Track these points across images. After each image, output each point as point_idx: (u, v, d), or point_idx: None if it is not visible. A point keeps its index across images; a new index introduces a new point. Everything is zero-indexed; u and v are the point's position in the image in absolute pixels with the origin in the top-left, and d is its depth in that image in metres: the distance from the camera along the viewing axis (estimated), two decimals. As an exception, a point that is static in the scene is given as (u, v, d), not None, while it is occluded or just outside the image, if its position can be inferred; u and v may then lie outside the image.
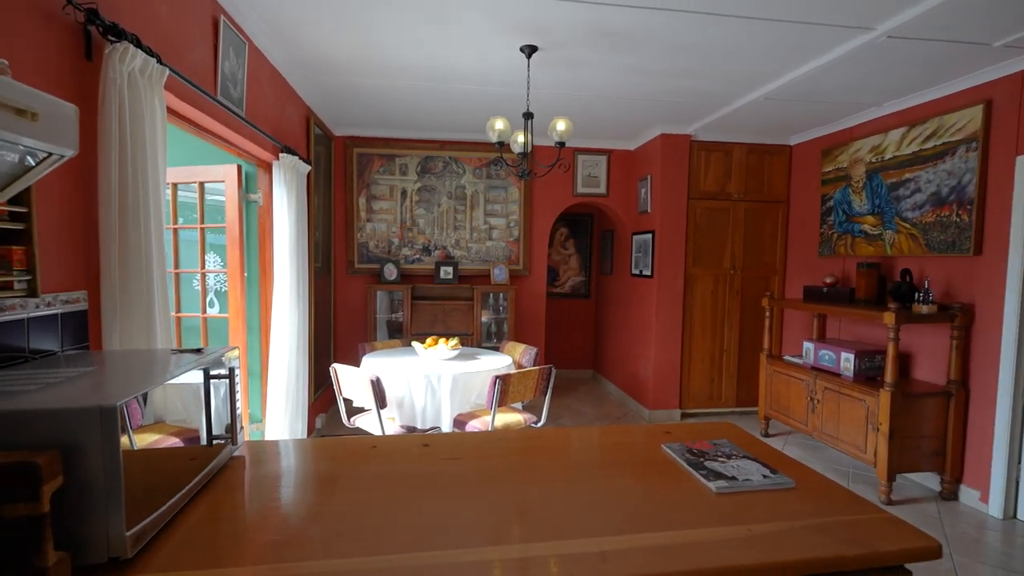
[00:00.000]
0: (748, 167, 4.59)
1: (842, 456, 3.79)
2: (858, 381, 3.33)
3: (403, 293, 4.53)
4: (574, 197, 5.01)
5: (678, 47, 2.75)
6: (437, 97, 3.70)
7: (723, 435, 1.57)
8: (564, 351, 6.23)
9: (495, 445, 1.48)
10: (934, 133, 3.25)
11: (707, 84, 3.33)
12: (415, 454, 1.39)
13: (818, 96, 3.45)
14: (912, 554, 0.95)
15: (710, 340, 4.65)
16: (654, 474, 1.28)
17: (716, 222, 4.58)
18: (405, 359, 3.18)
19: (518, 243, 4.93)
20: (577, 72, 3.14)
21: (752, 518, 1.06)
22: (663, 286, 4.51)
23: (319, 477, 1.25)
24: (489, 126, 2.65)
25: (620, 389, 5.33)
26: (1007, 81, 2.87)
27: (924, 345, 3.36)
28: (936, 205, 3.24)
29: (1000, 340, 2.91)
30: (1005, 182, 2.89)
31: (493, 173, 4.84)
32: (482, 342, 4.68)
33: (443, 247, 4.83)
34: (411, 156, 4.73)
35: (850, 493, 1.19)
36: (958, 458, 3.11)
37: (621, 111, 3.96)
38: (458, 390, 2.85)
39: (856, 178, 3.88)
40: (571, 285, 6.23)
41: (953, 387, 3.09)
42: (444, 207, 4.81)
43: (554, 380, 5.63)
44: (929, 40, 2.56)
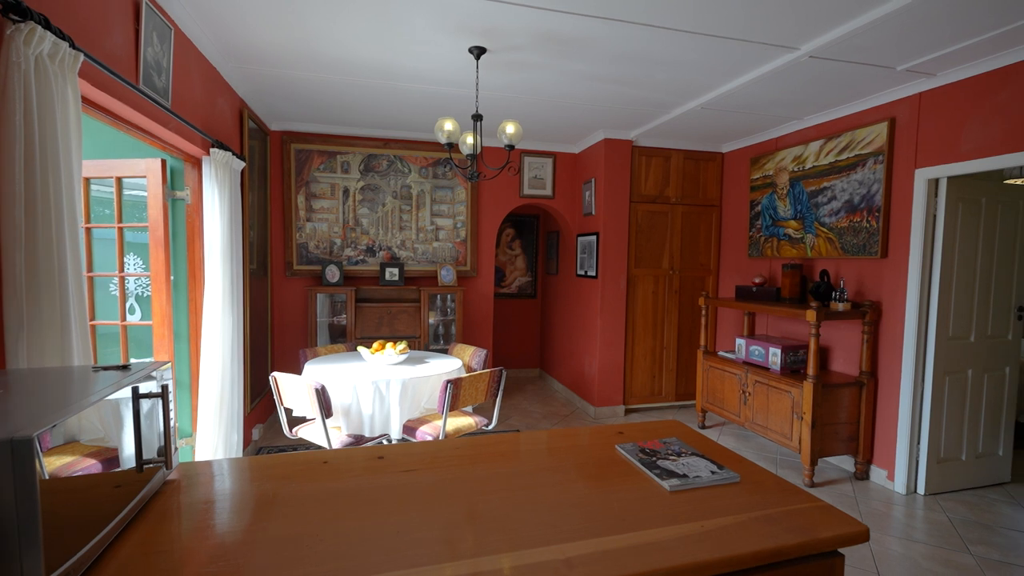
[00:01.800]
0: (685, 172, 4.82)
1: (770, 444, 4.07)
2: (784, 374, 3.59)
3: (346, 295, 4.37)
4: (521, 199, 5.05)
5: (623, 56, 2.84)
6: (381, 95, 3.60)
7: (672, 433, 1.64)
8: (511, 350, 6.27)
9: (450, 454, 1.46)
10: (848, 146, 3.56)
11: (649, 93, 3.46)
12: (369, 467, 1.34)
13: (748, 108, 3.68)
14: (845, 539, 1.04)
15: (651, 338, 4.84)
16: (611, 475, 1.32)
17: (656, 224, 4.78)
18: (351, 365, 3.07)
19: (465, 244, 4.89)
20: (526, 75, 3.17)
21: (704, 514, 1.11)
22: (607, 286, 4.64)
23: (266, 499, 1.17)
24: (438, 127, 2.61)
25: (566, 387, 5.44)
26: (908, 101, 3.19)
27: (840, 339, 3.67)
28: (850, 211, 3.56)
29: (903, 334, 3.24)
30: (906, 192, 3.21)
31: (440, 173, 4.78)
32: (430, 345, 4.61)
33: (388, 248, 4.71)
34: (354, 154, 4.57)
35: (788, 484, 1.28)
36: (869, 442, 3.43)
37: (567, 115, 4.03)
38: (408, 396, 2.79)
39: (781, 185, 4.17)
40: (518, 285, 6.27)
41: (864, 377, 3.41)
42: (389, 207, 4.69)
43: (502, 381, 5.63)
44: (844, 61, 2.80)
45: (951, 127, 2.97)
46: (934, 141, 3.06)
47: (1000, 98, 2.74)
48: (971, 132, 2.87)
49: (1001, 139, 2.74)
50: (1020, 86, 2.65)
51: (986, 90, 2.80)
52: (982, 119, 2.82)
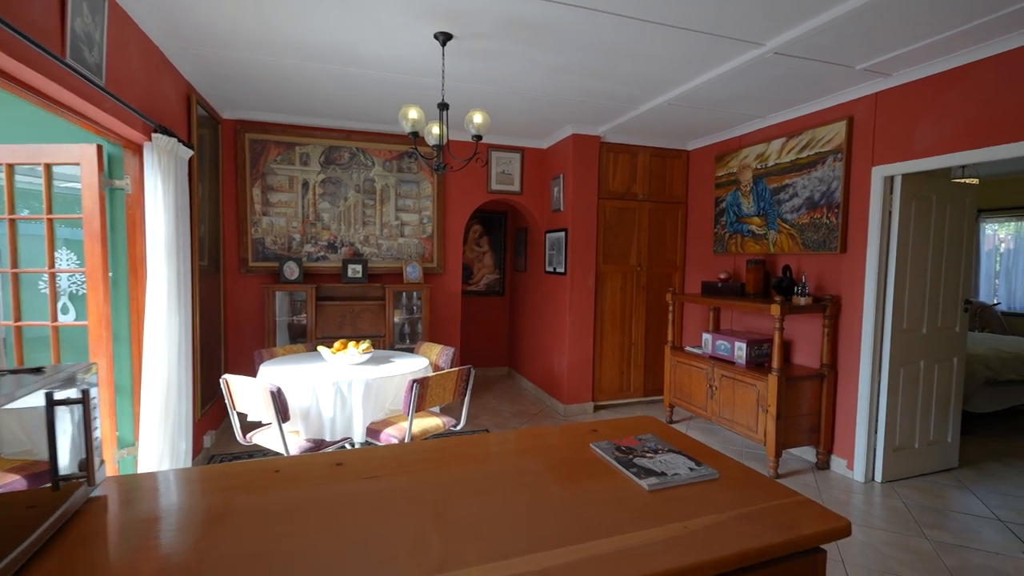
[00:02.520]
0: (652, 169, 4.85)
1: (736, 437, 4.14)
2: (749, 368, 3.65)
3: (306, 293, 4.18)
4: (488, 194, 4.96)
5: (591, 46, 2.79)
6: (342, 83, 3.44)
7: (647, 429, 1.59)
8: (479, 349, 6.18)
9: (415, 457, 1.36)
10: (808, 144, 3.65)
11: (617, 87, 3.44)
12: (327, 475, 1.23)
13: (714, 105, 3.71)
14: (828, 534, 1.01)
15: (619, 334, 4.85)
16: (587, 476, 1.25)
17: (624, 221, 4.79)
18: (310, 366, 2.91)
19: (432, 240, 4.77)
20: (493, 65, 3.08)
21: (686, 514, 1.06)
22: (576, 283, 4.62)
23: (211, 514, 1.05)
24: (402, 115, 2.49)
25: (536, 385, 5.39)
26: (865, 101, 3.29)
27: (802, 333, 3.76)
28: (810, 208, 3.64)
29: (860, 327, 3.34)
30: (864, 189, 3.31)
31: (405, 167, 4.64)
32: (395, 344, 4.47)
33: (351, 244, 4.53)
34: (313, 145, 4.37)
35: (765, 479, 1.25)
36: (829, 432, 3.52)
37: (535, 108, 3.97)
38: (371, 397, 2.66)
39: (744, 182, 4.24)
40: (486, 283, 6.18)
41: (825, 370, 3.50)
42: (351, 201, 4.51)
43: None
44: (807, 59, 2.84)
45: (905, 126, 3.06)
46: (890, 140, 3.15)
47: (950, 98, 2.84)
48: (924, 131, 2.97)
49: (951, 138, 2.84)
50: (968, 87, 2.76)
51: (938, 91, 2.90)
52: (934, 119, 2.92)
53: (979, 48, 2.67)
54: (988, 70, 2.68)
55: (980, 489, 3.23)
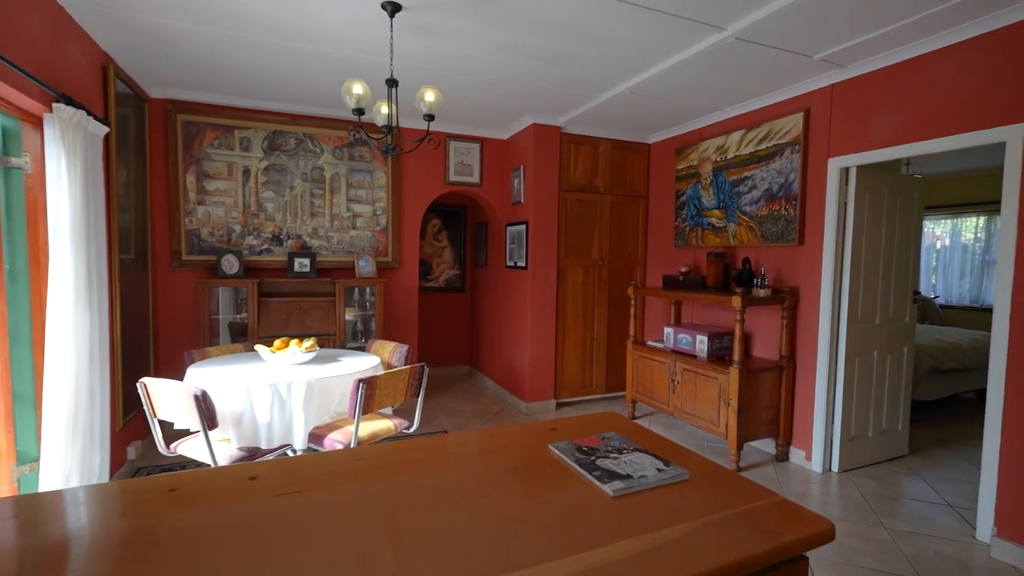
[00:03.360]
0: (613, 162, 4.78)
1: (698, 431, 4.12)
2: (711, 361, 3.62)
3: (247, 289, 3.86)
4: (447, 185, 4.76)
5: (551, 25, 2.66)
6: (284, 60, 3.17)
7: (610, 426, 1.46)
8: (439, 347, 5.97)
9: (351, 467, 1.18)
10: (766, 136, 3.65)
11: (578, 72, 3.32)
12: (237, 492, 1.03)
13: (675, 95, 3.66)
14: (812, 540, 0.90)
15: (582, 329, 4.76)
16: (545, 482, 1.10)
17: (585, 214, 4.69)
18: (246, 366, 2.64)
19: (386, 233, 4.53)
20: (447, 43, 2.90)
21: (655, 523, 0.93)
22: (537, 277, 4.49)
23: (64, 551, 0.83)
24: (345, 89, 2.27)
25: (497, 383, 5.23)
26: (821, 93, 3.30)
27: (761, 325, 3.76)
28: (769, 200, 3.65)
29: (818, 318, 3.36)
30: (820, 180, 3.32)
31: (356, 155, 4.38)
32: (347, 342, 4.21)
33: (298, 236, 4.24)
34: (255, 129, 4.05)
35: (739, 478, 1.14)
36: (788, 424, 3.53)
37: (494, 95, 3.81)
38: (314, 399, 2.43)
39: (704, 175, 4.23)
40: (445, 278, 5.98)
41: (784, 361, 3.50)
42: (298, 190, 4.22)
43: (428, 379, 5.34)
44: (766, 46, 2.81)
45: (860, 118, 3.09)
46: (845, 131, 3.17)
47: (903, 90, 2.87)
48: (878, 123, 3.00)
49: (904, 129, 2.87)
50: (919, 79, 2.79)
51: (891, 82, 2.93)
52: (887, 110, 2.95)
53: (929, 40, 2.70)
54: (939, 62, 2.71)
55: (929, 476, 3.31)
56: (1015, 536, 2.33)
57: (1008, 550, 2.34)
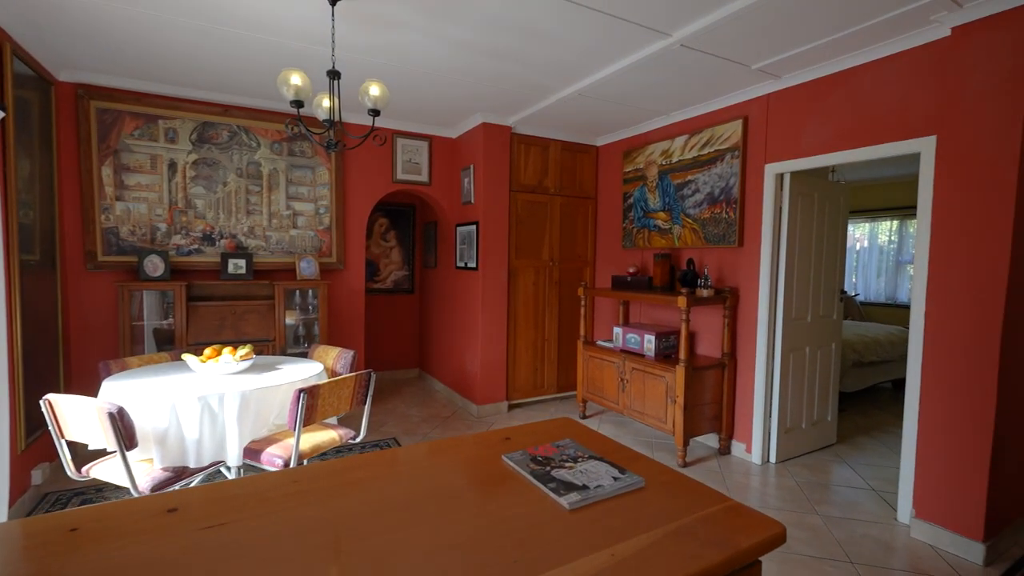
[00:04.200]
0: (563, 164, 4.81)
1: (646, 428, 4.21)
2: (658, 360, 3.71)
3: (175, 293, 3.56)
4: (394, 184, 4.62)
5: (501, 22, 2.61)
6: (215, 44, 2.94)
7: (564, 433, 1.44)
8: (387, 351, 5.79)
9: (288, 490, 1.08)
10: (708, 141, 3.78)
11: (528, 72, 3.30)
12: (153, 528, 0.91)
13: (622, 98, 3.72)
14: (766, 545, 0.90)
15: (533, 330, 4.76)
16: (499, 497, 1.05)
17: (536, 215, 4.69)
18: (171, 378, 2.42)
19: (330, 232, 4.33)
20: (395, 37, 2.79)
21: (613, 535, 0.90)
22: (488, 278, 4.44)
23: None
24: (282, 80, 2.12)
25: (447, 386, 5.14)
26: (759, 101, 3.46)
27: (705, 324, 3.90)
28: (711, 203, 3.78)
29: (756, 317, 3.52)
30: (758, 185, 3.48)
31: (297, 150, 4.15)
32: (288, 348, 3.98)
33: (232, 236, 3.96)
34: (182, 120, 3.74)
35: (693, 483, 1.14)
36: (730, 418, 3.68)
37: (443, 92, 3.72)
38: (250, 411, 2.26)
39: (651, 178, 4.33)
40: (393, 280, 5.81)
41: (726, 358, 3.65)
42: (232, 187, 3.94)
43: (376, 384, 5.16)
44: (709, 54, 2.90)
45: (793, 126, 3.26)
46: (780, 139, 3.34)
47: (830, 101, 3.05)
48: (809, 131, 3.17)
49: (832, 138, 3.05)
50: (845, 92, 2.97)
51: (820, 94, 3.10)
52: (817, 120, 3.12)
53: (853, 56, 2.89)
54: (861, 77, 2.90)
55: (855, 462, 3.54)
56: (931, 517, 2.52)
57: (925, 530, 2.54)
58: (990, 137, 2.29)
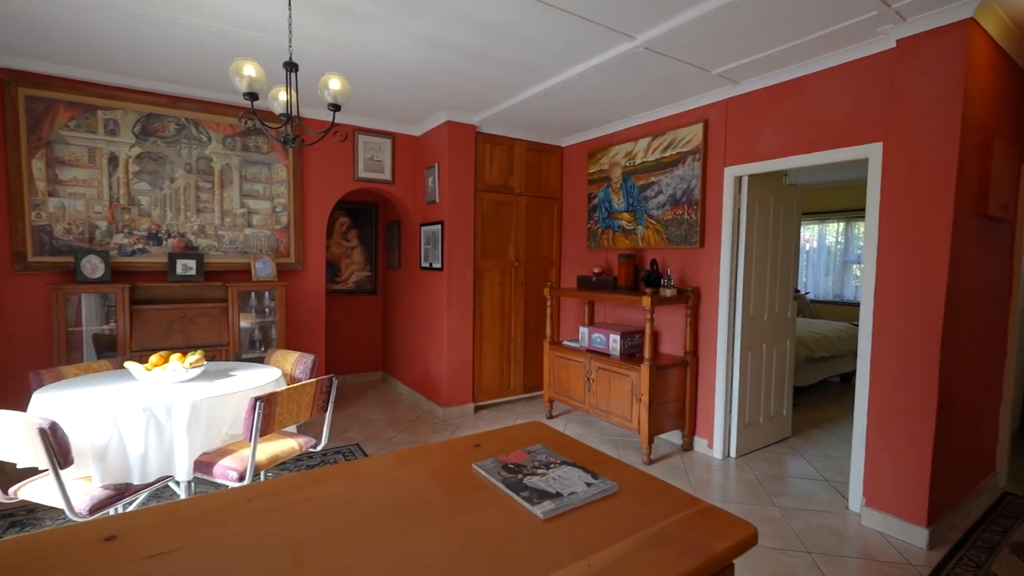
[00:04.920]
0: (528, 163, 4.80)
1: (611, 427, 4.26)
2: (624, 359, 3.75)
3: (116, 296, 3.33)
4: (355, 182, 4.48)
5: (468, 20, 2.57)
6: (162, 30, 2.76)
7: (535, 438, 1.41)
8: (350, 354, 5.63)
9: (242, 509, 1.01)
10: (671, 144, 3.85)
11: (494, 71, 3.27)
12: (87, 559, 0.83)
13: (587, 100, 3.74)
14: (739, 548, 0.90)
15: (499, 331, 4.73)
16: (470, 509, 1.02)
17: (501, 215, 4.67)
18: (112, 387, 2.26)
19: (288, 231, 4.16)
20: (357, 30, 2.69)
21: (588, 546, 0.88)
22: (454, 278, 4.38)
23: None
24: (234, 70, 2.00)
25: (412, 389, 5.04)
26: (718, 106, 3.55)
27: (668, 323, 3.97)
28: (673, 205, 3.85)
29: (717, 316, 3.61)
30: (718, 188, 3.57)
31: (252, 145, 3.96)
32: (243, 353, 3.80)
33: (181, 235, 3.74)
34: (124, 111, 3.50)
35: (665, 486, 1.13)
36: (693, 415, 3.76)
37: (407, 89, 3.64)
38: (201, 422, 2.13)
39: (615, 179, 4.38)
40: (355, 280, 5.65)
41: (688, 357, 3.73)
42: (180, 183, 3.72)
43: (338, 389, 5.00)
44: (671, 58, 2.95)
45: (751, 131, 3.36)
46: (739, 143, 3.43)
47: (786, 107, 3.16)
48: (766, 136, 3.28)
49: (788, 143, 3.16)
50: (799, 98, 3.09)
51: (776, 100, 3.21)
52: (773, 125, 3.23)
53: (806, 64, 3.00)
54: (814, 85, 3.02)
55: (809, 454, 3.69)
56: (880, 505, 2.65)
57: (875, 518, 2.67)
58: (931, 143, 2.43)
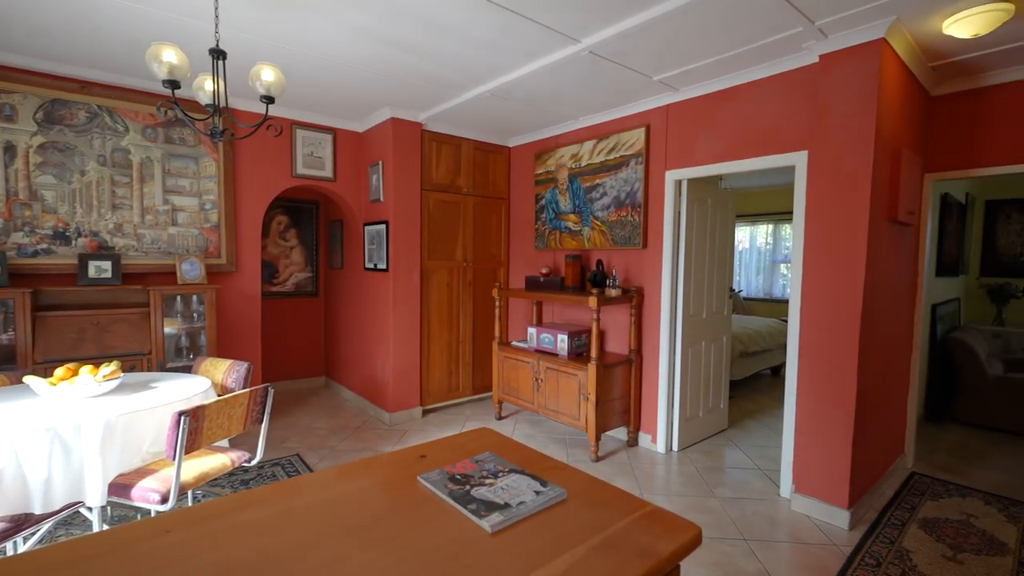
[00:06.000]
0: (476, 163, 4.76)
1: (560, 426, 4.30)
2: (571, 358, 3.79)
3: (15, 301, 2.98)
4: (294, 179, 4.27)
5: (409, 13, 2.49)
6: (71, 8, 2.49)
7: (484, 445, 1.38)
8: (290, 359, 5.36)
9: (156, 544, 0.91)
10: (615, 147, 3.94)
11: (439, 68, 3.20)
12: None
13: (533, 101, 3.75)
14: (686, 548, 0.92)
15: (447, 332, 4.66)
16: (416, 527, 0.97)
17: (449, 215, 4.60)
18: (8, 406, 2.01)
19: (218, 231, 3.89)
20: (294, 19, 2.54)
21: (538, 558, 0.86)
22: (399, 279, 4.27)
23: None
24: (152, 55, 1.82)
25: (357, 394, 4.87)
26: (659, 111, 3.66)
27: (614, 322, 4.06)
28: (618, 207, 3.94)
29: (659, 314, 3.73)
30: (659, 190, 3.69)
31: (176, 137, 3.67)
32: (168, 363, 3.51)
33: (93, 233, 3.41)
34: (24, 95, 3.14)
35: (613, 489, 1.14)
36: (638, 412, 3.87)
37: (349, 83, 3.49)
38: (116, 441, 1.94)
39: (561, 181, 4.43)
40: (295, 282, 5.38)
41: (633, 355, 3.83)
42: (92, 176, 3.39)
43: (278, 395, 4.76)
44: (614, 63, 3.00)
45: (690, 136, 3.49)
46: (678, 147, 3.56)
47: (721, 115, 3.31)
48: (703, 142, 3.42)
49: (722, 149, 3.31)
50: (734, 107, 3.24)
51: (713, 108, 3.36)
52: (710, 131, 3.38)
53: (739, 74, 3.15)
54: (747, 94, 3.18)
55: (744, 444, 3.90)
56: (807, 490, 2.83)
57: (804, 503, 2.85)
58: (850, 152, 2.61)
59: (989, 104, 3.06)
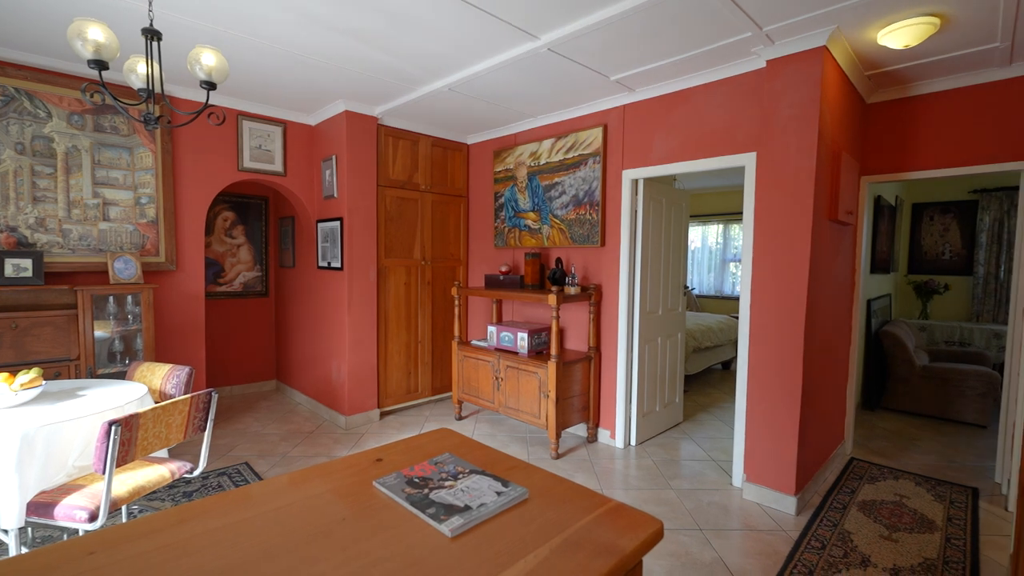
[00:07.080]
0: (434, 160, 4.68)
1: (521, 424, 4.30)
2: (531, 357, 3.79)
3: (-84, 304, 2.67)
4: (241, 172, 4.05)
5: (367, 3, 2.41)
6: (-28, -21, 2.25)
7: (443, 447, 1.34)
8: (238, 362, 5.10)
9: (78, 568, 0.82)
10: (573, 146, 3.96)
11: (395, 60, 3.12)
12: None
13: (492, 98, 3.72)
14: (648, 544, 0.91)
15: (405, 332, 4.56)
16: (372, 534, 0.92)
17: (406, 212, 4.50)
18: (-92, 420, 1.79)
19: (156, 227, 3.64)
20: (242, 3, 2.40)
21: (499, 561, 0.84)
22: (355, 278, 4.13)
23: None
24: (75, 31, 1.66)
25: (310, 398, 4.69)
26: (616, 111, 3.71)
27: (573, 320, 4.09)
28: (576, 205, 3.97)
29: (617, 312, 3.78)
30: (617, 189, 3.74)
31: (107, 125, 3.40)
32: (99, 368, 3.26)
33: (11, 228, 3.11)
34: (-76, 74, 2.82)
35: (575, 487, 1.13)
36: (597, 408, 3.91)
37: (299, 73, 3.35)
38: (35, 456, 1.76)
39: (520, 179, 4.42)
40: (243, 282, 5.12)
41: (592, 352, 3.87)
42: (10, 166, 3.09)
43: (225, 401, 4.53)
44: (572, 61, 3.02)
45: (645, 136, 3.56)
46: (635, 147, 3.62)
47: (675, 116, 3.40)
48: (658, 142, 3.49)
49: (677, 149, 3.40)
50: (687, 108, 3.33)
51: (668, 109, 3.43)
52: (665, 132, 3.45)
53: (695, 76, 3.24)
54: (700, 96, 3.27)
55: (698, 436, 4.02)
56: (757, 479, 2.95)
57: (754, 491, 2.96)
58: (794, 154, 2.73)
59: (918, 112, 3.28)
